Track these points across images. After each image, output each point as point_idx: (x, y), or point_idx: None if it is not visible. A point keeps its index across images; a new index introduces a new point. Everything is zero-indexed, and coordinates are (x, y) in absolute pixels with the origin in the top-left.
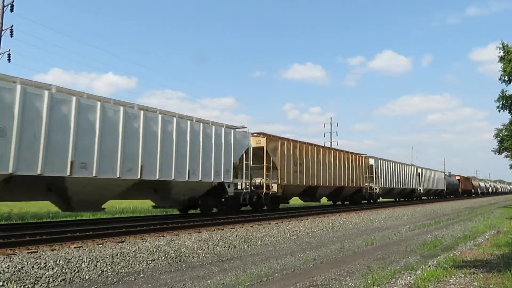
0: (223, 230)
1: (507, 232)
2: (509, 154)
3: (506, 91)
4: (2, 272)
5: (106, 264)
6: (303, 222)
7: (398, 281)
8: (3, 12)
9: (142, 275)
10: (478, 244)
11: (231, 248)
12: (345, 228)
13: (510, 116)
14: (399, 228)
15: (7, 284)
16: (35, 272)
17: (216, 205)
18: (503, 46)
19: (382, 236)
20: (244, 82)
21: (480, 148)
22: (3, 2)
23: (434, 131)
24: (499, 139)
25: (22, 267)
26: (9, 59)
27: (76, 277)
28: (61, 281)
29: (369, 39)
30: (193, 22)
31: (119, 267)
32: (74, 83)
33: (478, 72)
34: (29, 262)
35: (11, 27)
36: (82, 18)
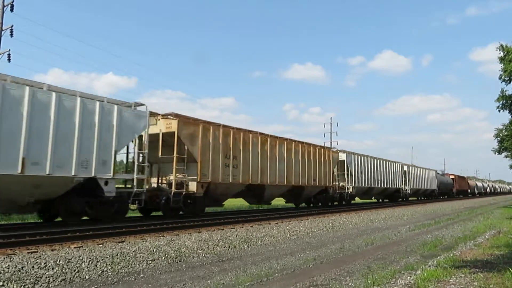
0: (223, 230)
1: (507, 232)
2: (509, 154)
3: (506, 91)
4: (2, 272)
5: (106, 264)
6: (303, 222)
7: (398, 281)
8: (3, 12)
9: (142, 275)
10: (478, 244)
11: (231, 248)
12: (345, 228)
13: (510, 116)
14: (399, 228)
15: (7, 284)
16: (35, 272)
17: (85, 210)
18: (502, 47)
19: (382, 236)
20: (244, 82)
21: (480, 148)
22: (3, 2)
23: (434, 131)
24: (499, 139)
25: (22, 267)
26: (9, 59)
27: (76, 277)
28: (61, 281)
29: (369, 39)
30: (193, 22)
31: (119, 267)
32: (74, 83)
33: (478, 72)
34: (29, 262)
35: (11, 27)
36: (82, 18)
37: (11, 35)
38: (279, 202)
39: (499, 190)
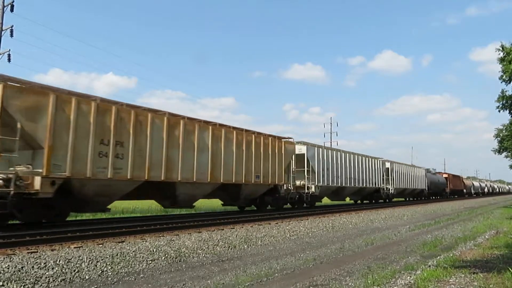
0: (223, 230)
1: (507, 232)
2: (509, 154)
3: (506, 91)
4: (2, 272)
5: (106, 264)
6: (303, 222)
7: (398, 281)
8: (3, 12)
9: (142, 275)
10: (478, 244)
11: (231, 248)
12: (345, 228)
13: (510, 116)
14: (399, 228)
15: (7, 284)
16: (35, 272)
17: None
18: (502, 48)
19: (382, 236)
20: (244, 82)
21: (480, 148)
22: (3, 2)
23: (434, 131)
24: (499, 139)
25: (22, 267)
26: (9, 59)
27: (76, 277)
28: (61, 281)
29: (369, 39)
30: (193, 22)
31: (119, 267)
32: (74, 83)
33: (478, 72)
34: (29, 262)
35: (11, 27)
36: (82, 18)
37: (11, 35)
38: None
39: (498, 190)
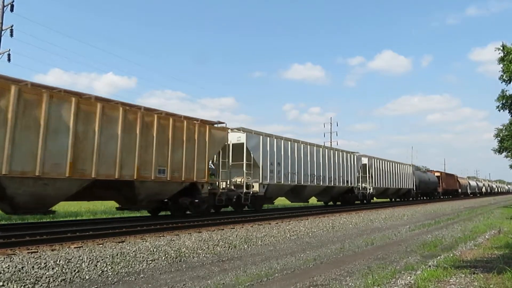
0: (223, 230)
1: (507, 232)
2: (509, 154)
3: (506, 91)
4: (2, 272)
5: (106, 264)
6: (303, 222)
7: (398, 281)
8: (3, 12)
9: (142, 275)
10: (478, 244)
11: (231, 248)
12: (345, 228)
13: (510, 116)
14: (399, 228)
15: (7, 284)
16: (35, 272)
17: None
18: (503, 47)
19: (382, 236)
20: (244, 82)
21: (480, 148)
22: (3, 2)
23: (434, 131)
24: (499, 139)
25: (22, 267)
26: (9, 59)
27: (76, 277)
28: (61, 281)
29: (369, 39)
30: (193, 22)
31: (119, 267)
32: (74, 83)
33: (477, 72)
34: (29, 262)
35: (11, 27)
36: (82, 18)
37: (11, 35)
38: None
39: (496, 190)
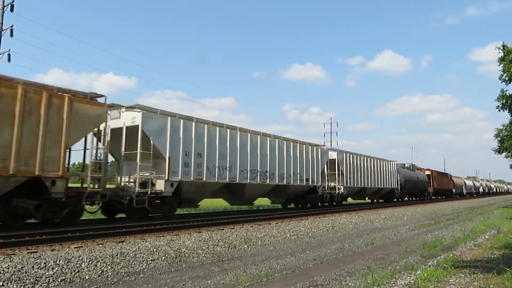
0: (223, 230)
1: (507, 232)
2: (509, 154)
3: (506, 91)
4: (2, 272)
5: (106, 264)
6: (303, 222)
7: (398, 281)
8: (3, 12)
9: (142, 275)
10: (478, 244)
11: (231, 248)
12: (345, 228)
13: (510, 116)
14: (399, 228)
15: (7, 284)
16: (35, 272)
17: None
18: (503, 47)
19: (382, 236)
20: (244, 82)
21: (480, 148)
22: (3, 2)
23: (434, 131)
24: (499, 139)
25: (22, 267)
26: (9, 59)
27: (76, 277)
28: (61, 281)
29: (369, 39)
30: (193, 22)
31: (119, 267)
32: (74, 83)
33: (477, 72)
34: (29, 262)
35: (11, 27)
36: (82, 18)
37: (11, 35)
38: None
39: (495, 190)
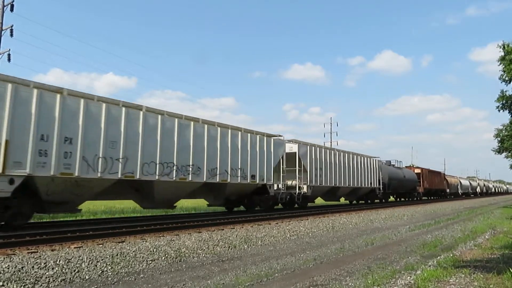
0: (223, 230)
1: (507, 232)
2: (509, 154)
3: (506, 91)
4: (2, 272)
5: (106, 264)
6: (303, 222)
7: (398, 281)
8: (3, 12)
9: (142, 275)
10: (478, 244)
11: (231, 248)
12: (345, 228)
13: (510, 116)
14: (399, 228)
15: (7, 284)
16: (35, 272)
17: None
18: (504, 46)
19: (382, 236)
20: (244, 82)
21: (480, 148)
22: (3, 2)
23: (434, 131)
24: (499, 139)
25: (22, 267)
26: (9, 59)
27: (76, 277)
28: (61, 281)
29: (369, 39)
30: (193, 22)
31: (119, 267)
32: (74, 83)
33: (477, 72)
34: (29, 262)
35: (11, 27)
36: (82, 18)
37: (11, 35)
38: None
39: (493, 190)
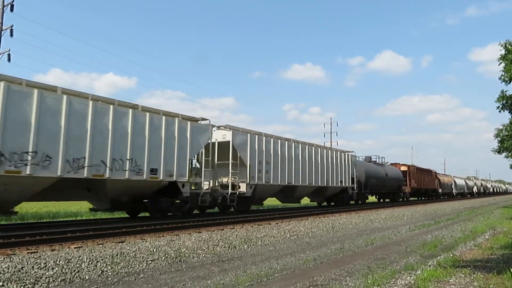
0: (223, 230)
1: (507, 232)
2: (509, 154)
3: (506, 91)
4: (2, 272)
5: (106, 264)
6: (303, 222)
7: (398, 281)
8: (3, 12)
9: (142, 275)
10: (478, 244)
11: (231, 248)
12: (345, 228)
13: (510, 116)
14: (399, 228)
15: (7, 284)
16: (35, 272)
17: None
18: (505, 45)
19: (382, 236)
20: (244, 82)
21: (480, 148)
22: (3, 2)
23: (434, 131)
24: (499, 139)
25: (22, 267)
26: (9, 59)
27: (76, 277)
28: (61, 281)
29: (369, 39)
30: (193, 22)
31: (119, 267)
32: (74, 83)
33: (477, 73)
34: (29, 262)
35: (11, 27)
36: (82, 18)
37: (11, 35)
38: None
39: (492, 190)
